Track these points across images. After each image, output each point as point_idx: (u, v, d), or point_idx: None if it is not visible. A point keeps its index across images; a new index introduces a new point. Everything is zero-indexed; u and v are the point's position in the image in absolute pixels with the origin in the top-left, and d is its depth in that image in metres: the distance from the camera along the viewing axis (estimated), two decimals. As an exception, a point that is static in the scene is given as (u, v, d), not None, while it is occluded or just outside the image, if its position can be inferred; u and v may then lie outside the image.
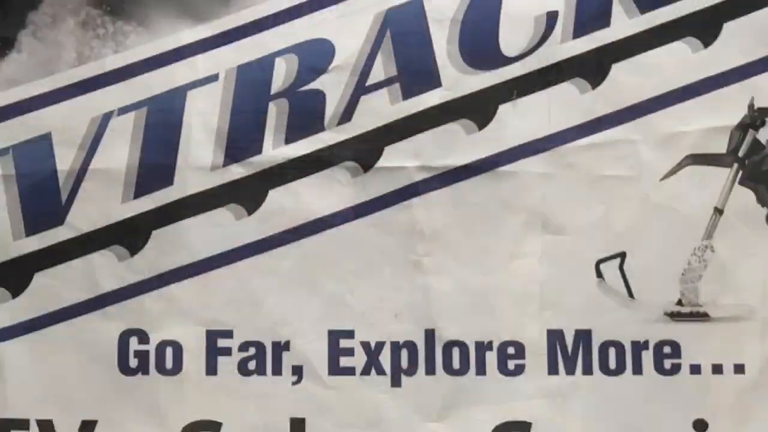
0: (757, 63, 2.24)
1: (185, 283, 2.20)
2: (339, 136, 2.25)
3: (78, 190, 2.22)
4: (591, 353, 2.17)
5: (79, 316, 2.19)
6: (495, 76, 2.22)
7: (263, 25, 2.30)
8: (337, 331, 2.17)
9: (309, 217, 2.21)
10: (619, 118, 2.21)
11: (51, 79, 2.27)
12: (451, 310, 2.20)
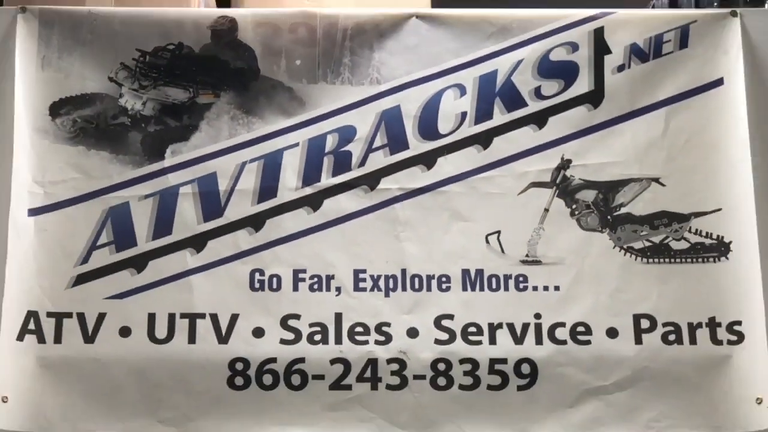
0: (566, 137, 3.74)
1: (283, 245, 3.65)
2: (358, 173, 3.76)
3: (230, 199, 3.69)
4: (483, 281, 3.66)
5: (230, 262, 3.62)
6: (436, 143, 3.75)
7: (320, 118, 3.76)
8: (358, 270, 3.65)
9: (344, 212, 3.71)
10: (498, 164, 3.71)
11: (215, 145, 3.72)
12: (414, 260, 3.70)
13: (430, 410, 3.60)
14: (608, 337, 3.63)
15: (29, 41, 3.79)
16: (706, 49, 3.85)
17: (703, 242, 3.72)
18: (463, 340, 3.61)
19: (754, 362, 3.64)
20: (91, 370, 3.58)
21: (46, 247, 3.67)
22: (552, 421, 3.61)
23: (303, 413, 3.61)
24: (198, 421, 3.59)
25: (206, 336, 3.60)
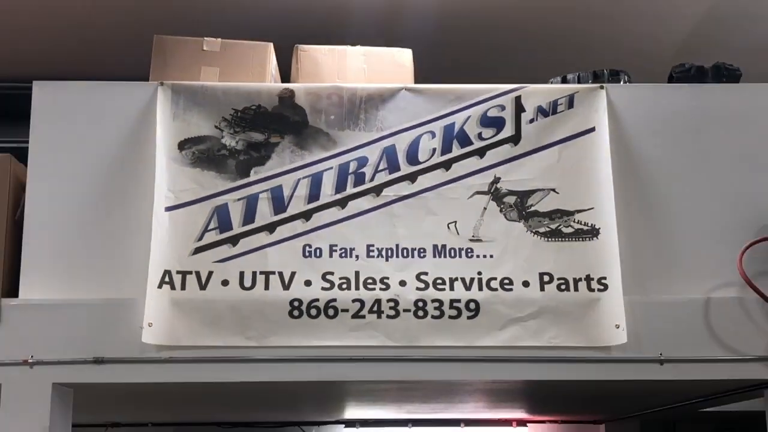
0: (497, 163, 4.13)
1: (323, 230, 4.00)
2: (369, 185, 4.11)
3: (290, 201, 4.05)
4: (446, 252, 4.03)
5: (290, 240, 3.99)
6: (417, 167, 4.13)
7: (346, 152, 4.12)
8: (369, 244, 4.03)
9: (361, 210, 4.06)
10: (455, 180, 4.11)
11: (281, 168, 4.09)
12: (404, 238, 4.05)
13: (413, 331, 3.94)
14: (523, 287, 4.01)
15: (165, 103, 4.11)
16: (584, 109, 4.20)
17: (582, 228, 4.07)
18: (434, 288, 4.00)
19: (613, 303, 3.96)
20: (204, 307, 3.93)
21: (176, 231, 4.00)
22: (489, 338, 3.93)
23: (335, 333, 3.93)
24: (270, 338, 3.89)
25: (276, 285, 3.96)
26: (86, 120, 4.17)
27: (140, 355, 3.85)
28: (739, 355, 3.95)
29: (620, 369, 3.95)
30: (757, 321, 3.98)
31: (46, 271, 3.99)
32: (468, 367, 4.01)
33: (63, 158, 4.11)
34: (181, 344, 3.90)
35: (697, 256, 4.10)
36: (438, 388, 4.80)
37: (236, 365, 3.93)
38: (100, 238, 4.05)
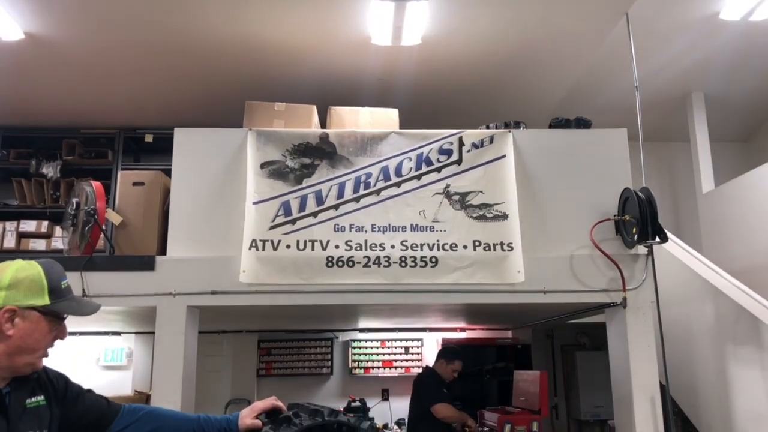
0: (449, 176, 4.03)
1: (346, 216, 3.97)
2: (373, 189, 4.04)
3: (326, 198, 3.98)
4: (417, 228, 3.99)
5: (326, 221, 3.96)
6: (401, 179, 4.06)
7: (359, 169, 4.06)
8: (373, 224, 3.95)
9: (368, 203, 4.01)
10: (423, 186, 4.06)
11: (320, 179, 4.02)
12: (393, 221, 3.98)
13: (399, 274, 3.93)
14: (463, 249, 3.99)
15: (252, 141, 4.09)
16: (499, 144, 4.16)
17: (497, 214, 4.05)
18: (411, 249, 3.98)
19: (516, 258, 3.96)
20: (275, 261, 3.91)
21: (259, 216, 3.97)
22: (443, 278, 3.93)
23: (352, 276, 3.91)
24: (315, 279, 3.88)
25: (318, 248, 3.95)
26: (206, 150, 4.17)
27: (239, 289, 3.88)
28: (590, 288, 4.00)
29: (520, 296, 3.98)
30: (601, 268, 4.03)
31: (182, 240, 4.01)
32: (431, 296, 4.03)
33: (192, 173, 4.12)
34: (263, 282, 3.91)
35: (565, 230, 4.10)
36: (413, 309, 4.85)
37: (295, 295, 3.95)
38: (215, 220, 4.05)
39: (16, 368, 1.48)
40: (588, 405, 6.18)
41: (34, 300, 1.48)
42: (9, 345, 1.45)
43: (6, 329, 1.44)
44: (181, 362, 3.82)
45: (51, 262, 1.59)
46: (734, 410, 3.81)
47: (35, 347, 1.48)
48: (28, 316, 1.46)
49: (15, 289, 1.47)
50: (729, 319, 3.89)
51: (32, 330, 1.46)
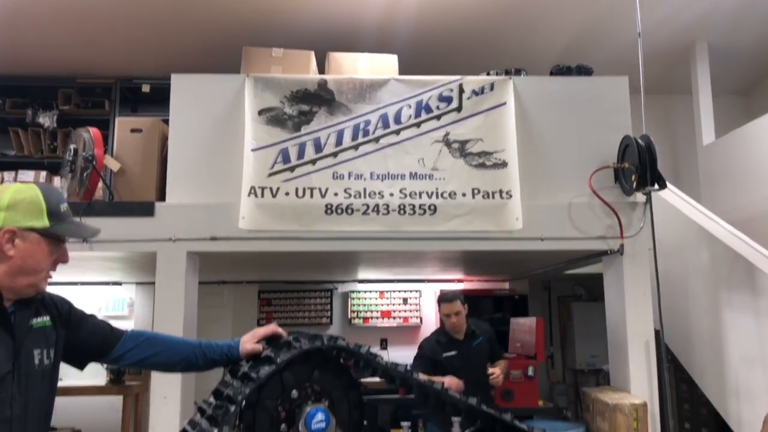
0: (448, 124, 4.01)
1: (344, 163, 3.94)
2: (372, 137, 4.00)
3: (324, 146, 3.93)
4: (417, 176, 3.96)
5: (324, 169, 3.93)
6: (400, 126, 4.01)
7: (358, 116, 3.99)
8: (372, 172, 3.92)
9: (366, 152, 3.97)
10: (423, 134, 4.02)
11: (319, 126, 3.95)
12: (392, 168, 3.96)
13: (397, 222, 3.94)
14: (462, 196, 3.98)
15: (250, 87, 4.03)
16: (500, 91, 4.13)
17: (497, 162, 4.03)
18: (410, 197, 3.97)
19: (515, 205, 3.98)
20: (274, 207, 3.90)
21: (258, 163, 3.95)
22: (442, 226, 3.90)
23: (352, 223, 3.92)
24: (314, 226, 3.89)
25: (317, 196, 3.93)
26: (204, 96, 4.12)
27: (238, 235, 3.90)
28: (588, 236, 4.02)
29: (518, 244, 4.00)
30: (599, 216, 4.05)
31: (181, 186, 4.01)
32: (430, 243, 4.04)
33: (190, 120, 4.07)
34: (262, 229, 3.92)
35: (564, 178, 4.10)
36: (411, 257, 4.86)
37: (294, 242, 3.97)
38: (214, 167, 4.03)
39: (19, 289, 1.49)
40: (583, 354, 6.28)
41: (33, 221, 1.49)
42: (10, 266, 1.46)
43: (6, 250, 1.46)
44: (182, 309, 3.85)
45: (49, 186, 1.60)
46: (726, 355, 3.88)
47: (36, 269, 1.49)
48: (28, 238, 1.48)
49: (14, 210, 1.47)
50: (724, 266, 3.92)
51: (33, 251, 1.48)
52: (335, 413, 1.69)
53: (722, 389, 3.88)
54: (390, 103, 4.11)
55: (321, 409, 1.64)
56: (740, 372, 3.73)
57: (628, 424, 3.55)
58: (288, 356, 1.62)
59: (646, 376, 3.85)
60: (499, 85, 4.19)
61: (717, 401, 3.97)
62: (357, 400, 1.77)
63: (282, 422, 1.68)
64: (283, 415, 1.68)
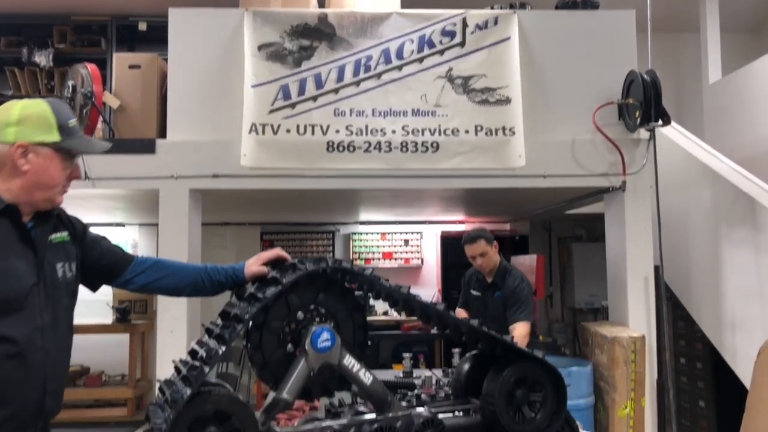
0: (451, 59, 3.94)
1: (346, 99, 3.89)
2: (373, 73, 3.94)
3: (326, 82, 3.87)
4: (419, 113, 3.94)
5: (326, 106, 3.91)
6: (402, 61, 3.95)
7: (359, 51, 3.93)
8: (374, 108, 3.89)
9: (368, 88, 3.91)
10: (425, 69, 3.96)
11: (319, 62, 3.88)
12: (394, 105, 3.93)
13: (399, 160, 3.95)
14: (465, 133, 3.97)
15: (249, 22, 3.96)
16: (504, 25, 4.06)
17: (500, 98, 3.99)
18: (412, 135, 3.96)
19: (518, 142, 3.96)
20: (276, 144, 3.90)
21: (258, 99, 3.91)
22: (444, 163, 3.95)
23: (353, 161, 3.93)
24: (315, 163, 3.89)
25: (318, 133, 3.92)
26: (203, 31, 4.06)
27: (239, 172, 3.91)
28: (590, 173, 4.03)
29: (521, 181, 4.02)
30: (602, 153, 4.06)
31: (182, 123, 3.99)
32: (432, 181, 4.06)
33: (189, 55, 4.02)
34: (263, 166, 3.92)
35: (568, 114, 4.07)
36: (413, 196, 4.88)
37: (296, 179, 3.98)
38: (214, 103, 4.00)
39: (36, 203, 1.52)
40: (582, 294, 6.38)
41: (44, 136, 1.49)
42: (25, 180, 1.48)
43: (21, 165, 1.47)
44: (185, 248, 3.89)
45: (57, 101, 1.59)
46: (724, 290, 3.93)
47: (51, 183, 1.51)
48: (41, 153, 1.49)
49: (24, 125, 1.48)
50: (726, 203, 3.93)
51: (46, 166, 1.49)
52: (340, 334, 1.72)
53: (718, 323, 3.95)
54: (392, 38, 4.04)
55: (326, 328, 1.68)
56: (737, 306, 3.79)
57: (626, 357, 3.63)
58: (293, 277, 1.65)
59: (644, 311, 3.92)
60: (503, 20, 4.12)
61: (713, 335, 4.04)
62: (361, 321, 1.81)
63: (288, 342, 1.72)
64: (289, 335, 1.71)
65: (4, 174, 1.48)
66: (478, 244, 3.68)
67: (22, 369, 1.40)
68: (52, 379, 1.50)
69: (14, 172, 1.47)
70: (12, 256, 1.44)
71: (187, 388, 1.48)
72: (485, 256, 3.69)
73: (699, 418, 4.72)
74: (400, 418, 1.75)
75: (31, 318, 1.45)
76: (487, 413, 1.86)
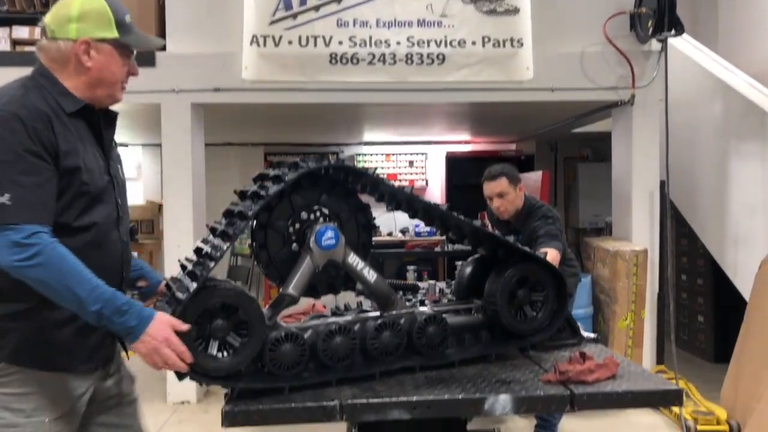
0: None
1: (347, 10, 3.80)
2: None
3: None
4: (424, 24, 3.83)
5: (331, 15, 3.86)
6: None
7: None
8: (378, 19, 3.79)
9: None
10: None
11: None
12: (401, 17, 3.87)
13: (404, 72, 3.83)
14: (472, 45, 3.90)
15: None
16: None
17: (508, 8, 3.89)
18: (417, 46, 3.88)
19: (526, 54, 3.91)
20: (277, 57, 3.81)
21: (259, 10, 3.82)
22: (450, 76, 3.88)
23: (357, 73, 3.82)
24: (318, 76, 3.80)
25: (320, 44, 3.84)
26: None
27: (241, 86, 3.87)
28: (599, 86, 4.00)
29: (528, 94, 3.98)
30: (611, 65, 4.02)
31: (182, 35, 3.92)
32: (437, 95, 4.02)
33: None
34: (265, 79, 3.87)
35: (577, 25, 4.00)
36: (418, 112, 4.83)
37: (298, 93, 3.95)
38: (214, 14, 3.94)
39: (99, 100, 1.53)
40: (587, 214, 6.40)
41: (104, 32, 1.49)
42: (89, 76, 1.49)
43: (84, 61, 1.48)
44: (189, 164, 3.92)
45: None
46: (729, 205, 3.93)
47: (113, 80, 1.52)
48: (102, 49, 1.49)
49: (85, 21, 1.47)
50: (736, 116, 3.87)
51: (107, 62, 1.50)
52: (344, 234, 1.73)
53: (722, 238, 3.97)
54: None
55: (330, 227, 1.68)
56: (741, 221, 3.80)
57: (627, 270, 3.68)
58: (296, 174, 1.64)
59: (648, 226, 3.95)
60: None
61: (715, 250, 4.07)
62: (365, 221, 1.82)
63: (293, 242, 1.73)
64: (294, 235, 1.73)
65: (69, 71, 1.49)
66: (498, 182, 2.93)
67: (104, 256, 1.47)
68: (127, 267, 1.59)
69: (79, 69, 1.48)
70: (91, 153, 1.49)
71: (193, 283, 1.49)
72: (504, 198, 2.93)
73: (697, 332, 4.82)
74: (404, 316, 1.77)
75: (110, 211, 1.52)
76: (488, 312, 1.88)
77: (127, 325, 1.36)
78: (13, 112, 1.36)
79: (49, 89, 1.46)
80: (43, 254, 1.30)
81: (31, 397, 1.40)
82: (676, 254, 4.95)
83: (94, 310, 1.33)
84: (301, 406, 1.50)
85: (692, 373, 3.99)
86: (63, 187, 1.39)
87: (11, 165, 1.33)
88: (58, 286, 1.31)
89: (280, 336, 1.59)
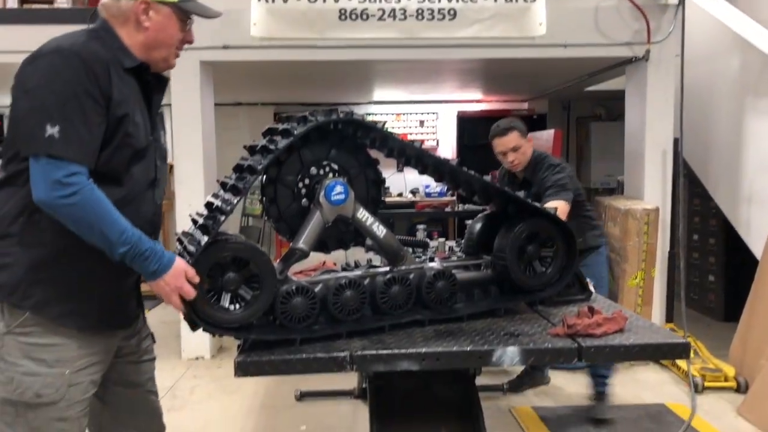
0: None
1: None
2: None
3: None
4: None
5: None
6: None
7: None
8: None
9: None
10: None
11: None
12: None
13: (415, 28, 3.73)
14: (483, 0, 3.76)
15: None
16: None
17: None
18: (428, 1, 3.75)
19: (539, 9, 3.75)
20: (286, 13, 3.72)
21: None
22: (462, 32, 3.75)
23: (367, 29, 3.72)
24: (327, 32, 3.74)
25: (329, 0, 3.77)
26: None
27: (250, 43, 3.82)
28: (613, 41, 3.92)
29: (541, 51, 3.91)
30: (626, 20, 3.93)
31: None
32: (448, 51, 3.96)
33: None
34: (274, 36, 3.82)
35: None
36: (429, 69, 4.77)
37: (307, 50, 3.90)
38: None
39: (154, 62, 1.56)
40: (599, 173, 6.38)
41: None
42: (147, 37, 1.52)
43: (143, 21, 1.50)
44: (199, 123, 3.91)
45: None
46: (744, 163, 3.89)
47: (169, 43, 1.55)
48: (161, 11, 1.52)
49: None
50: (754, 72, 3.79)
51: (165, 25, 1.52)
52: (354, 189, 1.74)
53: (735, 196, 3.94)
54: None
55: (340, 182, 1.69)
56: (756, 179, 3.76)
57: (638, 228, 3.67)
58: (305, 128, 1.64)
59: (660, 184, 3.92)
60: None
61: (728, 209, 4.04)
62: (375, 177, 1.82)
63: (303, 197, 1.74)
64: (303, 190, 1.73)
65: (128, 29, 1.51)
66: (511, 137, 2.85)
67: (136, 214, 1.48)
68: (156, 231, 1.61)
69: (137, 27, 1.51)
70: (139, 111, 1.50)
71: (204, 236, 1.51)
72: (518, 151, 2.87)
73: (708, 291, 4.81)
74: (413, 271, 1.79)
75: (148, 172, 1.54)
76: (498, 268, 1.90)
77: (147, 270, 1.43)
78: (75, 51, 1.39)
79: (110, 43, 1.48)
80: (81, 194, 1.34)
81: (54, 348, 1.44)
82: (688, 214, 4.92)
83: (120, 252, 1.39)
84: (312, 357, 1.52)
85: (701, 332, 4.02)
86: (108, 136, 1.42)
87: (67, 100, 1.35)
88: (90, 227, 1.37)
89: (291, 289, 1.61)
